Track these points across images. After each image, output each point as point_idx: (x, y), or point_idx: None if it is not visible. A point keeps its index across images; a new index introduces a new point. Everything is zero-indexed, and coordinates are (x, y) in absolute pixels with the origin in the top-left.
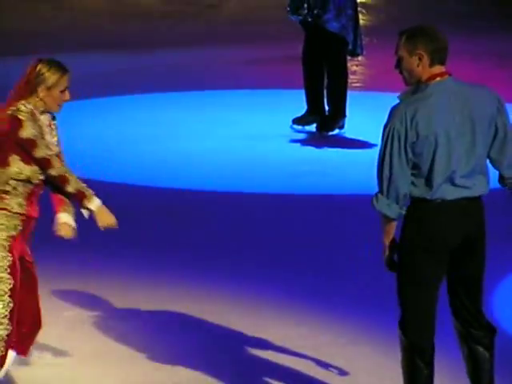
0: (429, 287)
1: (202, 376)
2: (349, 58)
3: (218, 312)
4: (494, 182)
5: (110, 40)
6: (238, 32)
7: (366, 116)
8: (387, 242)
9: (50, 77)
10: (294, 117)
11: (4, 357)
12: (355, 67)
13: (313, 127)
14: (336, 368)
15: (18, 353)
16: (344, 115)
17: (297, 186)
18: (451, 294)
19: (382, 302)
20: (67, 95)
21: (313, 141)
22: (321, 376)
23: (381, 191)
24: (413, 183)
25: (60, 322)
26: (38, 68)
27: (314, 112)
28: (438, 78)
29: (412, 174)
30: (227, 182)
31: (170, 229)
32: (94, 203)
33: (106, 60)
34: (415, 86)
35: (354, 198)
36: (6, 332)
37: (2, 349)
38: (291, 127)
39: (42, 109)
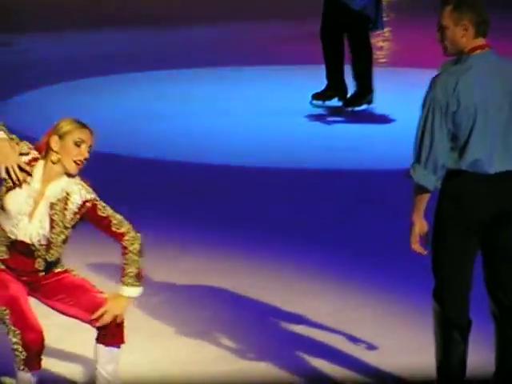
0: (463, 260)
1: (231, 351)
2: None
3: (256, 286)
4: None
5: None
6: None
7: (393, 91)
8: (417, 217)
9: (68, 125)
10: (314, 92)
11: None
12: (381, 43)
13: (333, 102)
14: (364, 342)
15: None
16: (371, 90)
17: (329, 160)
18: (486, 269)
19: (415, 278)
20: (84, 151)
21: (341, 116)
22: (350, 350)
23: (418, 161)
24: (449, 155)
25: None
26: (61, 121)
27: (334, 87)
28: (479, 51)
29: (453, 148)
30: (259, 158)
31: (213, 203)
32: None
33: (140, 35)
34: (457, 58)
35: (384, 172)
36: (23, 356)
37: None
38: (310, 103)
39: (60, 168)
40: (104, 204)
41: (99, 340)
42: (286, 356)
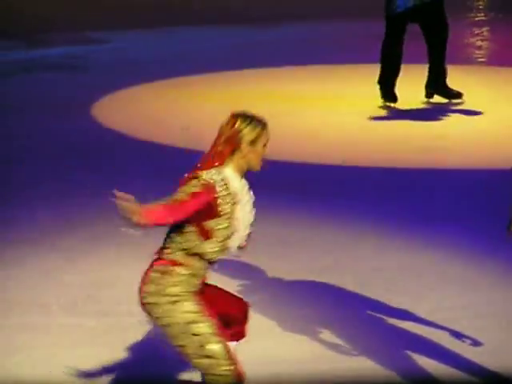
0: None
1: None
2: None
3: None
4: None
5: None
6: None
7: (490, 91)
8: None
9: (253, 130)
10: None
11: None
12: (480, 42)
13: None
14: (469, 339)
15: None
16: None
17: (422, 160)
18: None
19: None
20: (266, 150)
21: (433, 115)
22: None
23: None
24: None
25: None
26: (236, 124)
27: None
28: None
29: None
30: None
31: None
32: None
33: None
34: None
35: (480, 173)
36: (232, 367)
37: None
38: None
39: (245, 168)
40: None
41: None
42: (390, 355)
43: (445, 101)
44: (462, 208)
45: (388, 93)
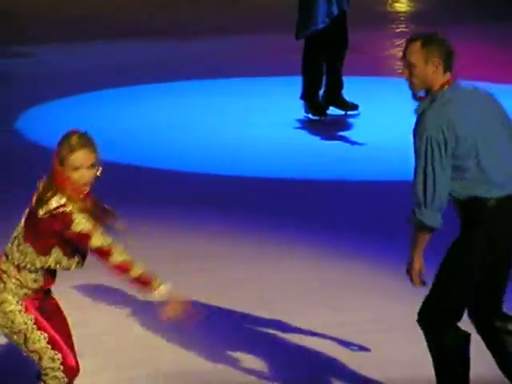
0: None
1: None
2: None
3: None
4: None
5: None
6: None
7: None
8: (418, 255)
9: (62, 150)
10: None
11: None
12: (401, 53)
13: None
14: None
15: None
16: None
17: (342, 171)
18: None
19: None
20: (85, 175)
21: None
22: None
23: (425, 205)
24: (465, 185)
25: None
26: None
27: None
28: (449, 85)
29: (461, 178)
30: (272, 169)
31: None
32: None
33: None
34: (430, 96)
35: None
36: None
37: None
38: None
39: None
40: None
41: None
42: (310, 367)
43: (341, 112)
44: (380, 219)
45: (314, 106)
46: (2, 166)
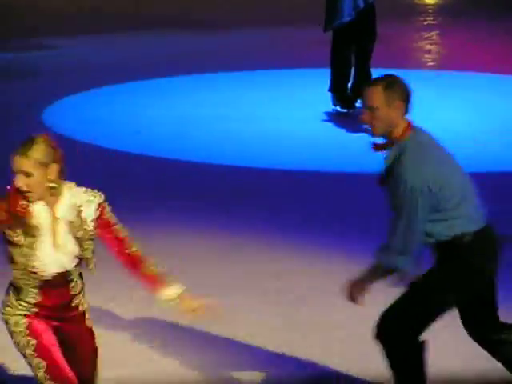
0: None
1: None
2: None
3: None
4: None
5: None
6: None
7: (440, 94)
8: (365, 283)
9: None
10: None
11: None
12: (429, 46)
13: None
14: None
15: None
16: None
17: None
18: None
19: None
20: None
21: None
22: None
23: (403, 253)
24: (447, 225)
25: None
26: None
27: None
28: (411, 128)
29: (445, 218)
30: (299, 162)
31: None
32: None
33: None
34: (396, 145)
35: None
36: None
37: None
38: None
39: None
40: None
41: None
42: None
43: None
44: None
45: (342, 98)
46: None
